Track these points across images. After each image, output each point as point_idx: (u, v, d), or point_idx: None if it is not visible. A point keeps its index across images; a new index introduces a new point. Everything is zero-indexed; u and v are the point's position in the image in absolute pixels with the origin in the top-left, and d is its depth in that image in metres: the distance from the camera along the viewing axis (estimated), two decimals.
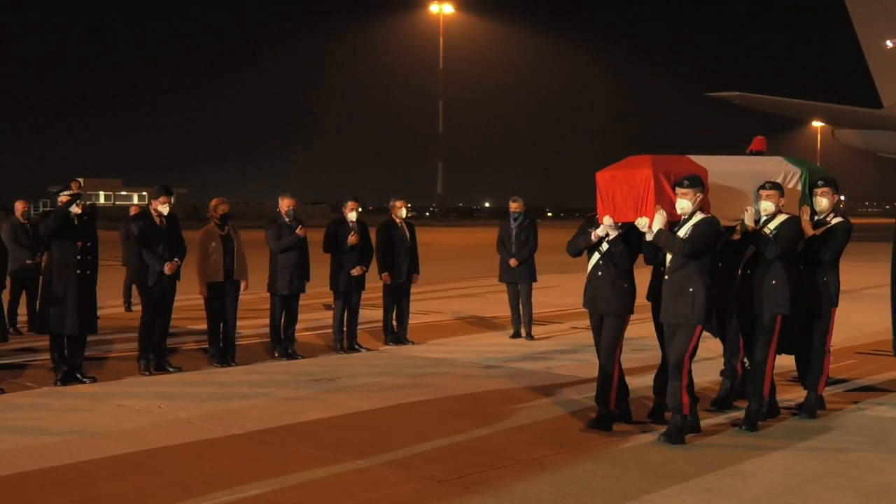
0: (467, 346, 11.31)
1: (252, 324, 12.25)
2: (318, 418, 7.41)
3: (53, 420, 7.37)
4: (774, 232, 7.13)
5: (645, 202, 6.81)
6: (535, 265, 11.85)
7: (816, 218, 7.59)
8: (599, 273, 7.11)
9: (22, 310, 11.98)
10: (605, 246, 7.07)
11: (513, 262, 11.65)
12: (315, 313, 13.65)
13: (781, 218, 7.21)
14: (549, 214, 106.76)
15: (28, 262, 11.30)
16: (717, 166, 7.24)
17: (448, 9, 46.75)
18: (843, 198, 8.60)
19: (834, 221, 7.58)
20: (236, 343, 10.00)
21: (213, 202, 9.89)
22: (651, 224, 6.75)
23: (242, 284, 9.82)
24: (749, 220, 7.16)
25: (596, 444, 6.63)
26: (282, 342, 10.28)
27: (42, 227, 8.87)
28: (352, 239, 10.51)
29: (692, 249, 6.60)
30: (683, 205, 6.76)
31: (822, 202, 7.60)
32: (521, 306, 11.81)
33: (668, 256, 6.89)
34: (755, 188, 7.27)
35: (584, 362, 9.67)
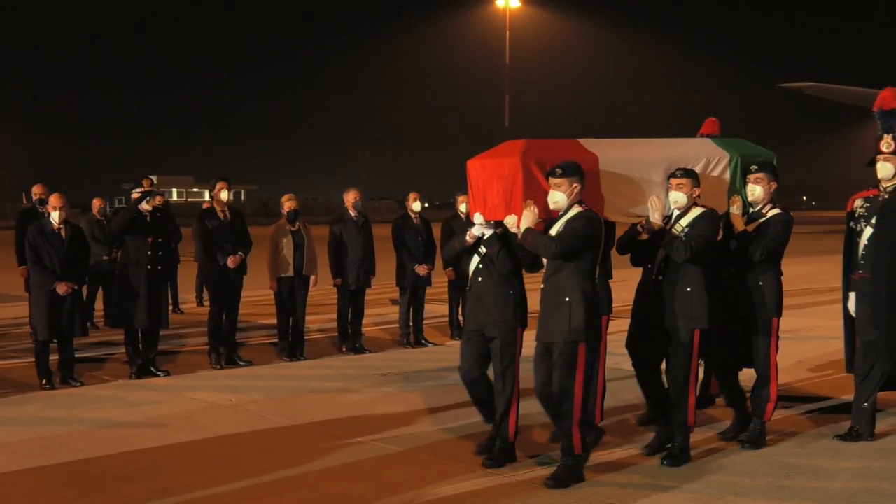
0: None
1: (320, 319, 12.38)
2: (385, 412, 7.46)
3: (128, 412, 7.55)
4: (686, 229, 5.99)
5: (513, 196, 5.81)
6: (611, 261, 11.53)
7: (752, 210, 6.46)
8: (480, 279, 6.02)
9: (99, 305, 12.29)
10: (483, 248, 6.02)
11: None
12: (381, 308, 13.74)
13: (696, 212, 6.03)
14: None
15: (104, 258, 11.58)
16: (616, 152, 6.24)
17: (514, 2, 46.56)
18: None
19: (770, 214, 6.40)
20: (305, 337, 10.12)
21: (283, 198, 10.02)
22: (520, 222, 5.71)
23: (312, 280, 9.93)
24: (654, 216, 6.04)
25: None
26: (349, 337, 10.37)
27: (113, 223, 9.12)
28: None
29: (561, 250, 5.52)
30: (557, 198, 5.67)
31: (755, 191, 6.41)
32: None
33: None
34: (666, 177, 6.17)
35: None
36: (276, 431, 6.90)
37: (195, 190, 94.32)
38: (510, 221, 5.78)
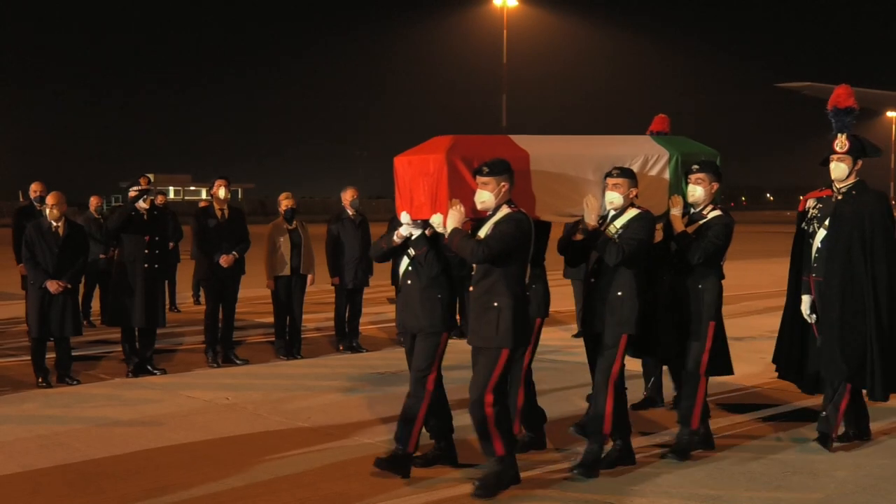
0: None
1: (317, 317, 12.37)
2: (382, 411, 7.45)
3: (125, 410, 7.54)
4: (620, 231, 5.78)
5: (438, 195, 5.55)
6: None
7: (693, 211, 6.22)
8: (409, 282, 5.80)
9: (95, 303, 12.28)
10: (411, 250, 5.80)
11: None
12: (379, 307, 13.73)
13: (631, 213, 5.81)
14: None
15: (101, 256, 11.56)
16: (549, 149, 5.98)
17: (512, 2, 46.52)
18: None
19: (710, 216, 6.16)
20: (302, 336, 10.11)
21: (280, 197, 10.01)
22: (446, 222, 5.47)
23: (309, 278, 9.92)
24: (590, 217, 5.84)
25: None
26: (346, 336, 10.36)
27: (110, 222, 9.12)
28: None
29: (488, 254, 5.26)
30: (483, 197, 5.42)
31: (696, 192, 6.16)
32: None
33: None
34: (603, 176, 5.92)
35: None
36: (272, 430, 6.89)
37: (192, 188, 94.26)
38: (436, 221, 5.55)
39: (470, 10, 52.82)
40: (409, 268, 5.81)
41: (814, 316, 6.41)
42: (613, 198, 5.81)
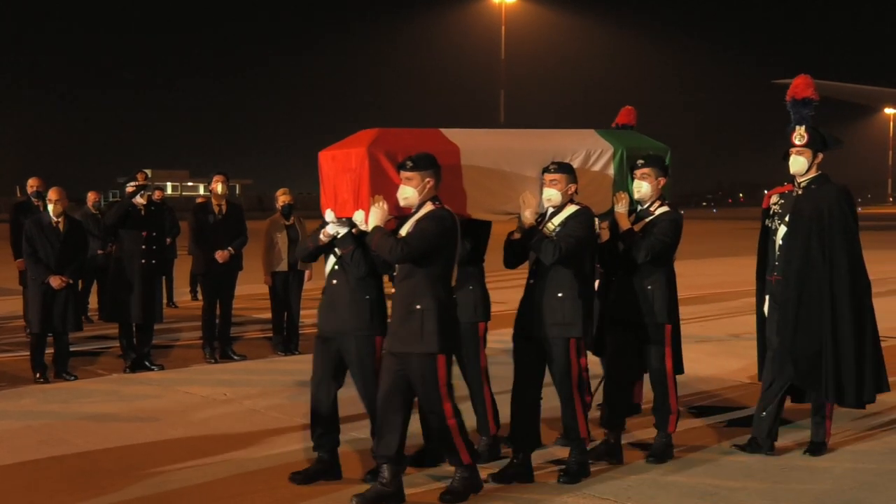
0: None
1: (314, 313, 12.33)
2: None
3: (122, 406, 7.54)
4: (558, 229, 5.49)
5: (361, 191, 5.28)
6: None
7: (640, 208, 6.00)
8: (335, 282, 5.55)
9: (93, 299, 12.27)
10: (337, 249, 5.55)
11: None
12: None
13: (570, 210, 5.52)
14: None
15: (99, 251, 11.55)
16: (482, 143, 5.66)
17: None
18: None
19: (657, 212, 5.93)
20: (300, 332, 10.11)
21: (278, 192, 10.00)
22: (367, 219, 5.20)
23: (306, 274, 9.92)
24: (526, 214, 5.54)
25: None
26: None
27: (107, 217, 9.14)
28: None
29: (407, 252, 5.02)
30: (407, 193, 5.15)
31: (641, 188, 5.90)
32: None
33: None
34: (540, 172, 5.61)
35: None
36: (270, 426, 6.89)
37: (190, 184, 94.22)
38: (358, 218, 5.28)
39: (468, 6, 52.83)
40: (336, 267, 5.56)
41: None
42: (551, 194, 5.52)
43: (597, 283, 6.30)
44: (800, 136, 6.04)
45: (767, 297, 6.24)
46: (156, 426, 6.90)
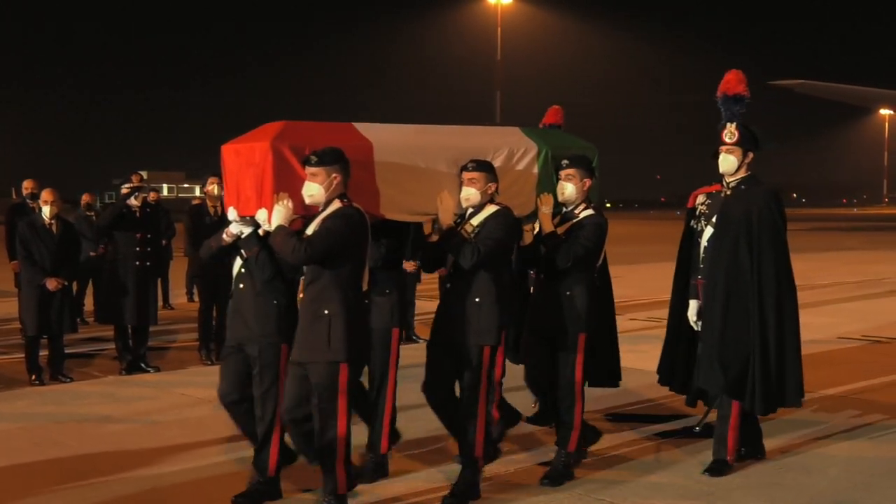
0: None
1: None
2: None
3: (118, 408, 7.52)
4: (476, 230, 5.19)
5: (264, 187, 4.94)
6: None
7: (564, 211, 5.70)
8: (242, 286, 5.20)
9: (88, 300, 12.24)
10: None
11: None
12: None
13: (489, 210, 5.22)
14: (608, 205, 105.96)
15: (91, 253, 11.54)
16: (398, 139, 5.36)
17: None
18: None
19: (582, 215, 5.63)
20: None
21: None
22: (270, 218, 4.86)
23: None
24: (445, 215, 5.23)
25: (647, 448, 6.57)
26: None
27: (101, 218, 9.13)
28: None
29: (311, 253, 4.69)
30: (312, 190, 4.82)
31: (566, 189, 5.60)
32: None
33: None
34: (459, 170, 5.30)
35: (643, 354, 9.58)
36: None
37: (186, 186, 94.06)
38: (261, 217, 4.93)
39: (464, 7, 52.83)
40: (242, 270, 5.21)
41: (700, 323, 5.92)
42: (469, 194, 5.21)
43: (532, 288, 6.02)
44: (730, 133, 5.74)
45: (693, 302, 5.97)
46: (152, 428, 6.89)
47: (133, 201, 8.87)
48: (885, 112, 76.25)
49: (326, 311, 4.77)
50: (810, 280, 17.31)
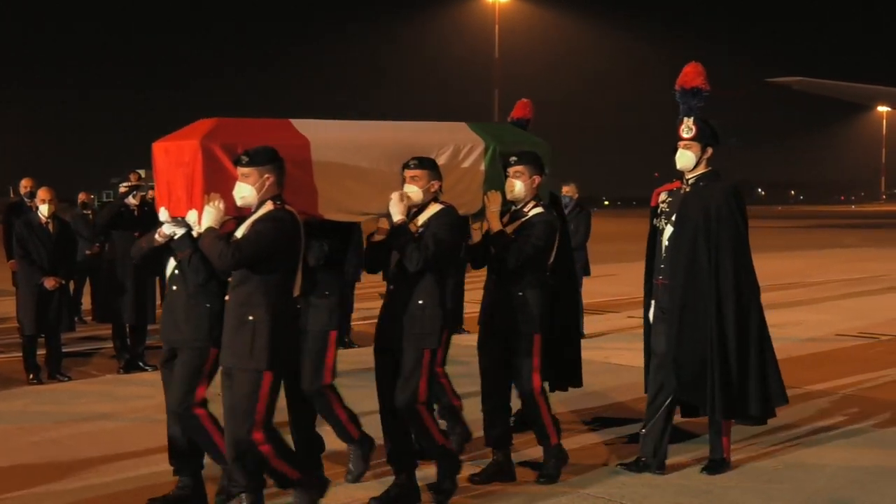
0: None
1: None
2: (372, 407, 7.44)
3: (116, 407, 7.53)
4: (420, 230, 5.04)
5: (194, 188, 4.74)
6: (586, 256, 10.77)
7: (513, 209, 5.54)
8: (174, 288, 5.01)
9: (86, 299, 12.24)
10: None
11: None
12: (370, 302, 13.69)
13: (433, 210, 5.07)
14: (606, 203, 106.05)
15: (87, 252, 11.54)
16: (337, 137, 5.17)
17: None
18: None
19: (531, 214, 5.47)
20: None
21: None
22: (200, 220, 4.68)
23: None
24: (394, 213, 5.01)
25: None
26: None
27: (99, 217, 9.13)
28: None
29: (239, 258, 4.52)
30: (244, 192, 4.63)
31: (514, 187, 5.44)
32: None
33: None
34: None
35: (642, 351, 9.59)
36: None
37: None
38: (191, 218, 4.75)
39: (463, 6, 52.83)
40: (175, 272, 5.02)
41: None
42: (411, 192, 5.05)
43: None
44: (687, 128, 5.56)
45: (653, 303, 5.78)
46: (150, 427, 6.86)
47: (131, 200, 8.88)
48: (882, 109, 76.28)
49: (251, 318, 4.59)
50: (808, 277, 17.33)
